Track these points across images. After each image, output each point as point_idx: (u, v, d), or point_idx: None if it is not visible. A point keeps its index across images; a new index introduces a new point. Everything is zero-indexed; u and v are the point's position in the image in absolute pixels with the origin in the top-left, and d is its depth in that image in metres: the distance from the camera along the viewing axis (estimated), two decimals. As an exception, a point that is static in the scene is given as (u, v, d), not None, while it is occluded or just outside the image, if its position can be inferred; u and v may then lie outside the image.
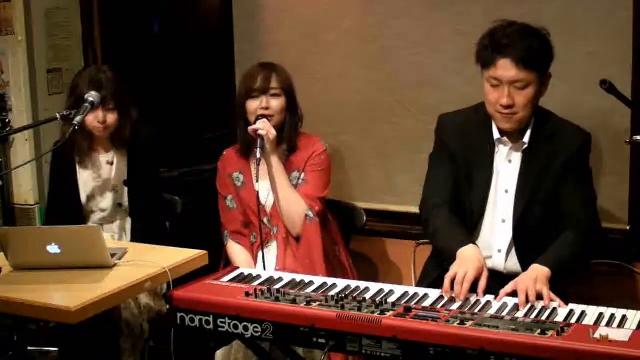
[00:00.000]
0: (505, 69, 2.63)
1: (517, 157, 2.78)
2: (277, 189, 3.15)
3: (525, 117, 2.70)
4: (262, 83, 3.16)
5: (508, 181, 2.79)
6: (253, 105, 3.17)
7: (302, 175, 3.21)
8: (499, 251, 2.82)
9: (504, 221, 2.80)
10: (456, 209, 2.82)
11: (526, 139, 2.75)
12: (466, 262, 2.56)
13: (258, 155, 3.06)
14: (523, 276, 2.53)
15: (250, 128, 3.13)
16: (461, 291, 2.46)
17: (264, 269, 3.05)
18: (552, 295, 2.43)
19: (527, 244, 2.76)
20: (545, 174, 2.74)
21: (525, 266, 2.70)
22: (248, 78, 3.22)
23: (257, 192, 3.08)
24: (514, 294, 2.46)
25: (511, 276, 2.73)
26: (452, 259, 2.62)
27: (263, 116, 3.14)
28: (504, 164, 2.80)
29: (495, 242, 2.82)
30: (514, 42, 2.63)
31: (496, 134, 2.78)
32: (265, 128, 3.09)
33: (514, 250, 2.80)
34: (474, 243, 2.69)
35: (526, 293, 2.41)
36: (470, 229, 2.80)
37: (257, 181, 3.06)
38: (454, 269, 2.54)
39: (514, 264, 2.80)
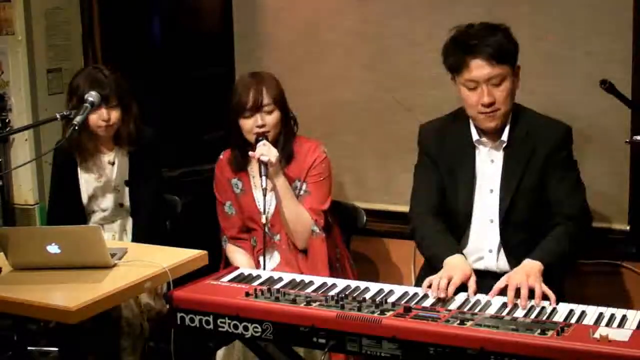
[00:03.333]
0: (479, 68, 2.64)
1: (499, 156, 2.79)
2: (283, 207, 3.11)
3: (507, 112, 2.71)
4: (254, 100, 3.07)
5: (492, 181, 2.79)
6: (247, 124, 3.10)
7: (304, 185, 3.17)
8: (490, 251, 2.82)
9: (492, 221, 2.80)
10: (444, 214, 2.83)
11: (504, 137, 2.75)
12: (453, 268, 2.57)
13: (264, 185, 2.98)
14: (515, 272, 2.53)
15: (251, 154, 3.06)
16: (446, 295, 2.47)
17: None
18: (545, 289, 2.42)
19: (514, 242, 2.76)
20: (528, 169, 2.74)
21: (513, 264, 2.71)
22: (239, 93, 3.11)
23: (265, 224, 3.05)
24: (506, 289, 2.45)
25: (504, 275, 2.73)
26: (440, 267, 2.63)
27: (261, 135, 3.08)
28: (486, 164, 2.80)
29: (486, 242, 2.82)
30: (481, 40, 2.64)
31: (475, 136, 2.79)
32: (265, 153, 3.01)
33: (504, 249, 2.80)
34: (461, 252, 2.71)
35: (516, 290, 2.41)
36: (459, 232, 2.81)
37: (264, 213, 3.02)
38: (439, 275, 2.55)
39: (505, 264, 2.79)
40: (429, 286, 2.51)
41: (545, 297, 2.42)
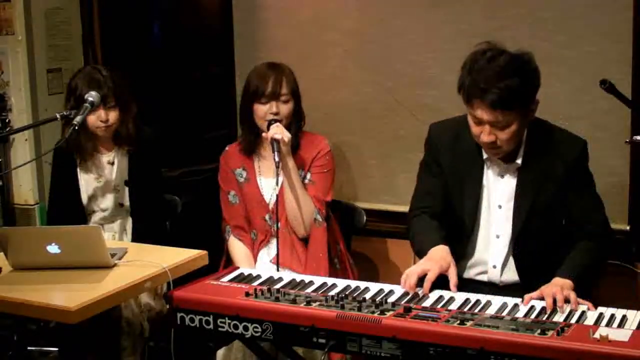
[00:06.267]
0: (483, 112, 2.53)
1: (510, 173, 2.72)
2: (290, 190, 3.16)
3: (511, 148, 2.64)
4: (273, 88, 3.15)
5: (501, 197, 2.74)
6: (262, 109, 3.16)
7: (308, 175, 3.23)
8: (494, 267, 2.77)
9: (498, 237, 2.76)
10: (443, 217, 2.79)
11: (519, 160, 2.69)
12: (429, 260, 2.57)
13: (277, 159, 3.05)
14: (548, 285, 2.47)
15: (264, 135, 3.14)
16: (417, 291, 2.49)
17: (277, 267, 3.07)
18: (580, 300, 2.40)
19: (526, 258, 2.72)
20: (544, 186, 2.69)
21: (524, 279, 2.70)
22: (257, 80, 3.18)
23: (277, 195, 3.09)
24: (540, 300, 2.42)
25: (507, 287, 2.72)
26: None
27: (275, 120, 3.14)
28: (495, 180, 2.74)
29: (490, 257, 2.78)
30: (490, 86, 2.48)
31: (485, 154, 2.72)
32: (279, 132, 3.09)
33: (509, 264, 2.76)
34: (445, 244, 2.67)
35: (553, 297, 2.37)
36: (463, 243, 2.76)
37: (277, 184, 3.08)
38: (418, 264, 2.56)
39: (509, 277, 2.76)
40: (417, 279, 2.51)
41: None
